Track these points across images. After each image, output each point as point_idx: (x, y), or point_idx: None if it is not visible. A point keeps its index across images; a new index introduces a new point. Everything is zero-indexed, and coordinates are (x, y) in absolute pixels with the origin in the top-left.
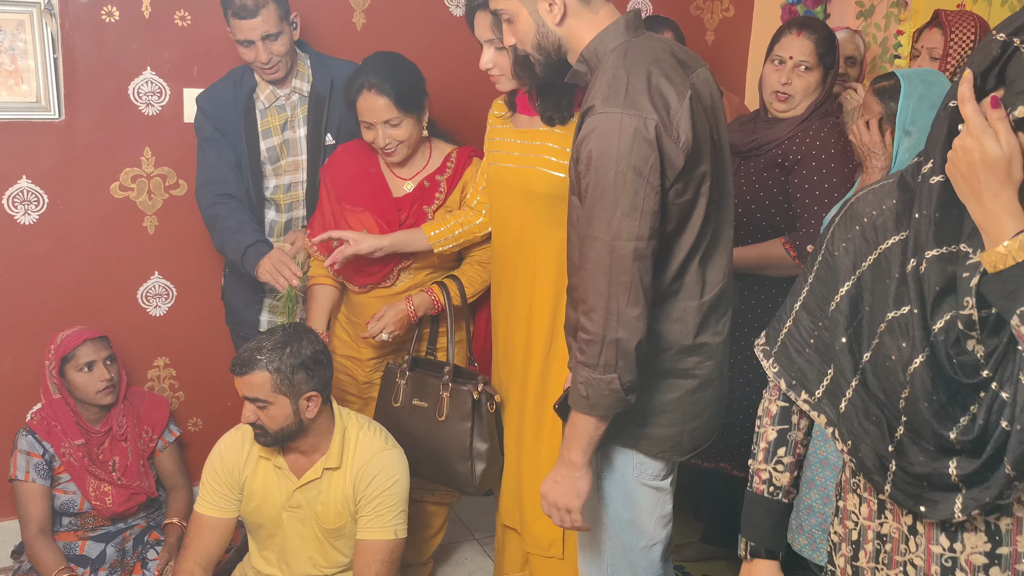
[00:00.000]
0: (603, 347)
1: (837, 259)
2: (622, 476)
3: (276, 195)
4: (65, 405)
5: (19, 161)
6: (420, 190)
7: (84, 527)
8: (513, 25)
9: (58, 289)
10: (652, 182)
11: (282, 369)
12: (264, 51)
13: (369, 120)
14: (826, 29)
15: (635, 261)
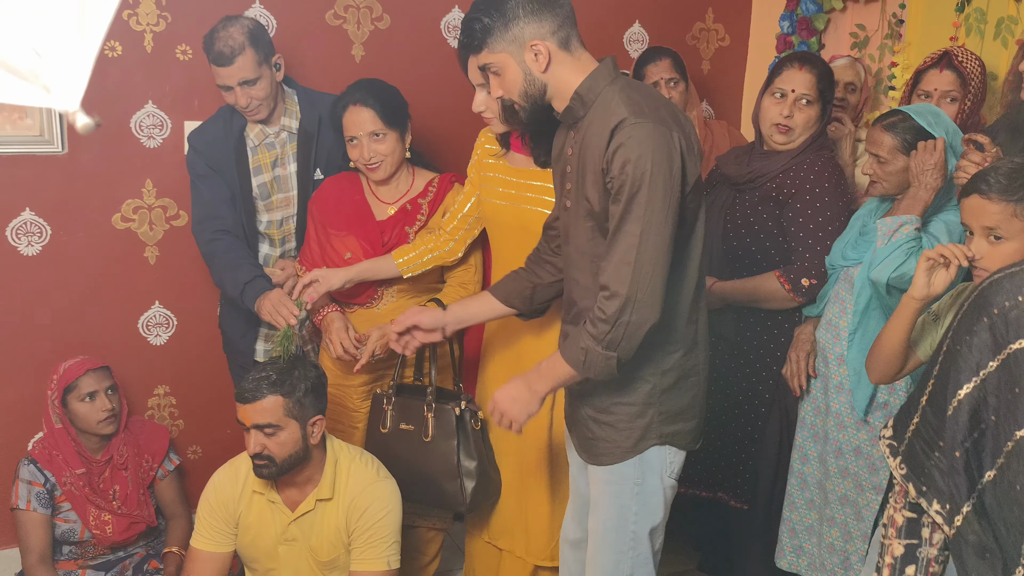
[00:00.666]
0: (613, 327)
1: (960, 353)
2: (658, 476)
3: (270, 230)
4: (67, 434)
5: (23, 193)
6: (402, 212)
7: (84, 556)
8: (501, 77)
9: (60, 319)
10: (676, 186)
11: (294, 392)
12: (243, 96)
13: (354, 133)
14: (825, 64)
15: (659, 254)
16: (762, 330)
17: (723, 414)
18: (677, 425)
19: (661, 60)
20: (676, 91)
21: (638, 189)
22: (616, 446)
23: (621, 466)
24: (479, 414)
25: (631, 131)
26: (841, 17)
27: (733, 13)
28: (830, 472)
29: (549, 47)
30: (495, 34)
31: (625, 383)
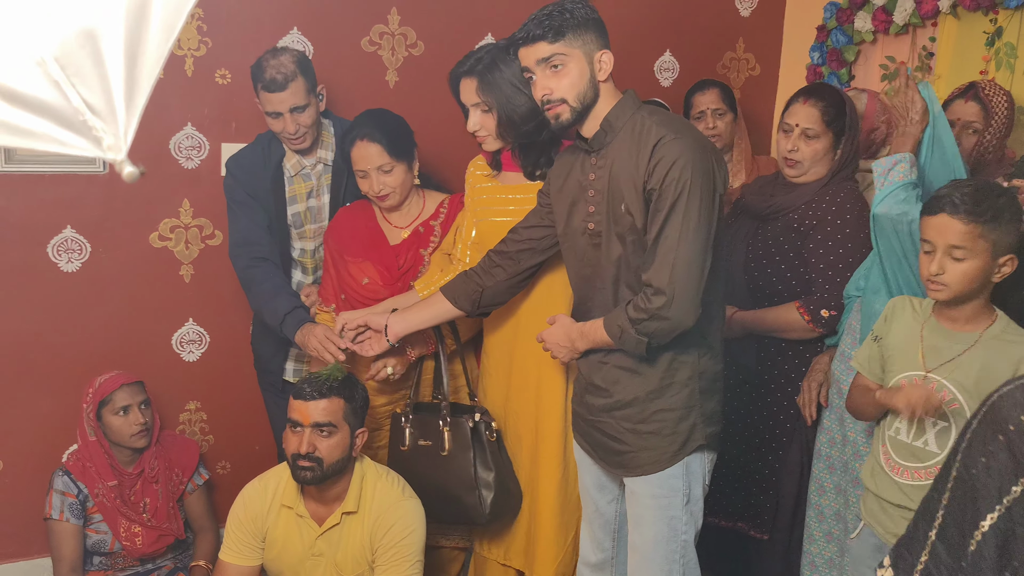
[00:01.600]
0: (651, 318)
1: (976, 478)
2: (700, 483)
3: (303, 258)
4: (100, 447)
5: (64, 211)
6: (415, 235)
7: (114, 567)
8: (563, 71)
9: (97, 334)
10: (713, 197)
11: (353, 399)
12: (292, 123)
13: (363, 167)
14: (836, 95)
15: (697, 258)
16: (783, 360)
17: (744, 443)
18: (714, 427)
19: (709, 90)
20: (722, 121)
21: (678, 198)
22: (662, 452)
23: (668, 478)
24: (493, 425)
25: (672, 146)
26: (871, 49)
27: (764, 43)
28: (850, 502)
29: (610, 65)
30: (576, 30)
31: (665, 390)
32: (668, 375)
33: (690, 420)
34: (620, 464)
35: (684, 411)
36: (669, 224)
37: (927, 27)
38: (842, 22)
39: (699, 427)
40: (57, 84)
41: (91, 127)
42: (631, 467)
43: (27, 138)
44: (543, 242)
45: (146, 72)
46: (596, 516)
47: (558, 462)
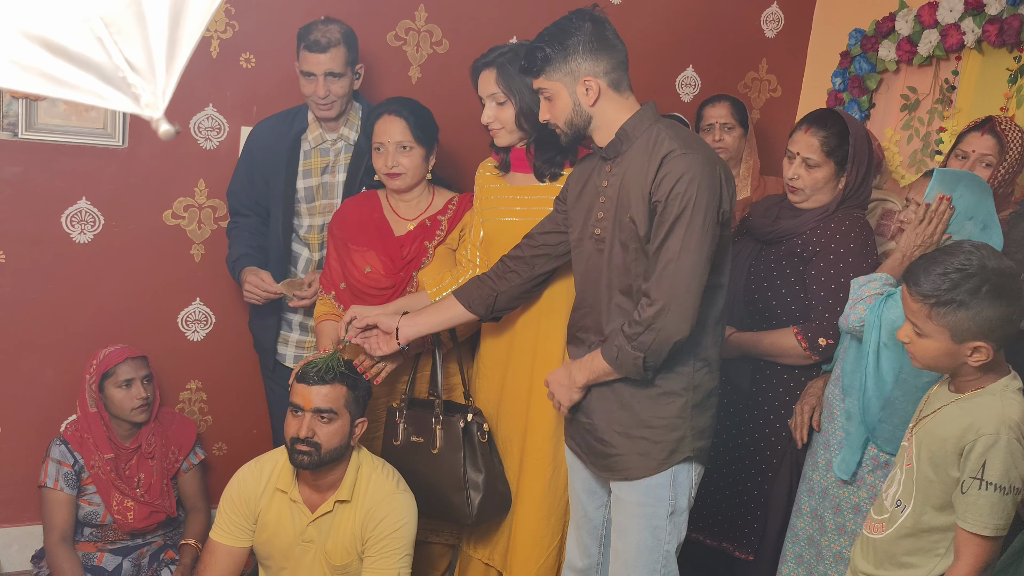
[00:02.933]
0: (646, 330)
1: None
2: (687, 495)
3: (310, 234)
4: (99, 419)
5: (81, 183)
6: (421, 228)
7: (104, 539)
8: (552, 103)
9: (104, 307)
10: (716, 214)
11: (356, 388)
12: (323, 86)
13: (382, 140)
14: (839, 124)
15: (696, 272)
16: (778, 383)
17: (735, 464)
18: (704, 441)
19: (720, 103)
20: (730, 135)
21: (682, 212)
22: (651, 459)
23: (655, 487)
24: (485, 427)
25: (681, 160)
26: (893, 78)
27: (787, 65)
28: (827, 528)
29: (600, 84)
30: (554, 64)
31: (659, 399)
32: (664, 384)
33: (681, 431)
34: (608, 467)
35: (676, 421)
36: (671, 237)
37: (950, 60)
38: (866, 49)
39: (689, 439)
40: (100, 41)
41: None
42: (618, 470)
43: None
44: (558, 248)
45: (187, 35)
46: (584, 521)
47: (544, 466)
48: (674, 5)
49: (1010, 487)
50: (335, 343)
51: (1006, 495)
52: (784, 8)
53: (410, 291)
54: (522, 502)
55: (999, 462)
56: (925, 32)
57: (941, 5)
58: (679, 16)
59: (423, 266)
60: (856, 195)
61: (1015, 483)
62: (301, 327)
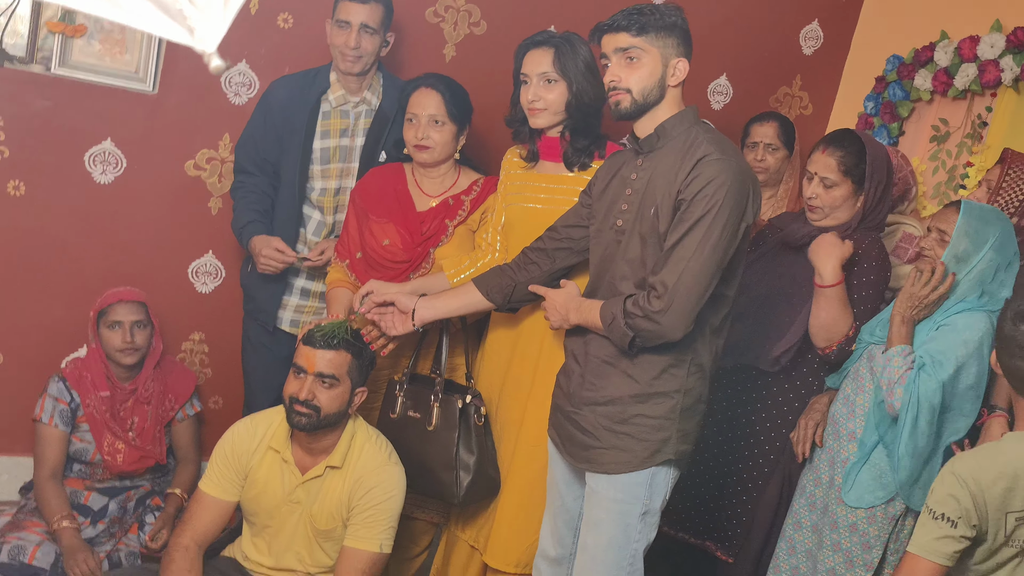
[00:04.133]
0: (644, 318)
1: None
2: (662, 497)
3: (323, 197)
4: (98, 356)
5: (107, 124)
6: (444, 206)
7: (92, 477)
8: (635, 64)
9: (117, 249)
10: (738, 224)
11: (361, 356)
12: (355, 37)
13: (416, 112)
14: (856, 144)
15: (703, 277)
16: (779, 391)
17: (727, 466)
18: (687, 446)
19: (768, 123)
20: (773, 157)
21: (704, 214)
22: (632, 455)
23: (632, 485)
24: (482, 410)
25: (714, 165)
26: (926, 108)
27: (821, 84)
28: (823, 543)
29: (686, 72)
30: (658, 30)
31: (650, 397)
32: (656, 383)
33: (666, 432)
34: (587, 459)
35: (663, 422)
36: (689, 236)
37: (985, 96)
38: (902, 76)
39: (673, 441)
40: None
41: (186, 16)
42: (597, 463)
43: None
44: (580, 243)
45: None
46: (561, 511)
47: (538, 456)
48: (713, 12)
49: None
50: (347, 312)
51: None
52: (824, 26)
53: (426, 267)
54: (510, 488)
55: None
56: (963, 65)
57: (983, 40)
58: (717, 23)
59: (441, 244)
60: (874, 214)
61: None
62: (302, 292)
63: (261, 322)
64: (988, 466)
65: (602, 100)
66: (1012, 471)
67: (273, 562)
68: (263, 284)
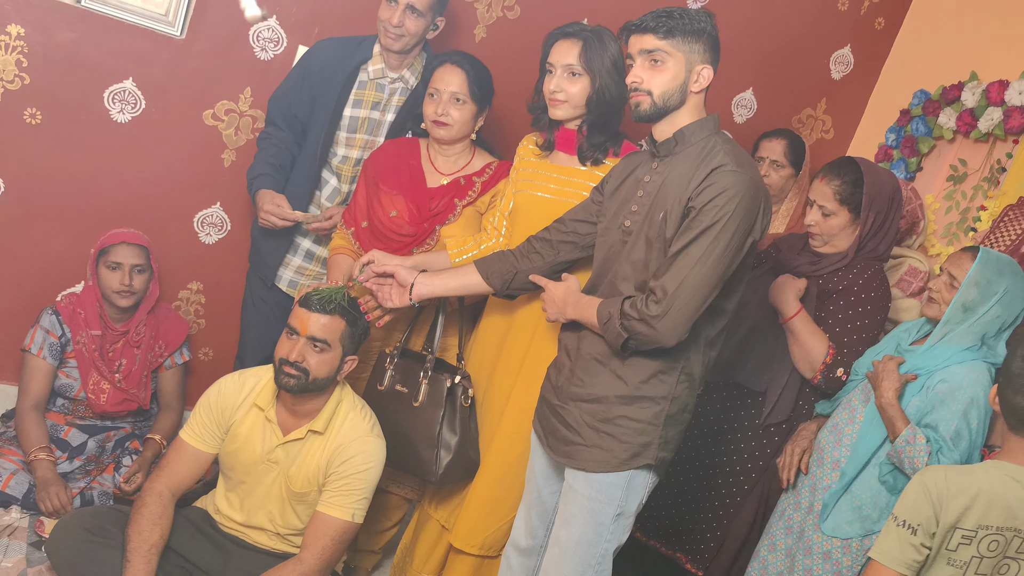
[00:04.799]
0: (641, 321)
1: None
2: (637, 501)
3: (344, 165)
4: (94, 294)
5: (130, 63)
6: (455, 184)
7: (74, 413)
8: (659, 67)
9: (126, 190)
10: (741, 239)
11: (355, 324)
12: (400, 16)
13: (438, 87)
14: (854, 173)
15: (704, 287)
16: (745, 413)
17: (707, 480)
18: (667, 453)
19: (776, 140)
20: (777, 174)
21: (712, 224)
22: (612, 456)
23: (609, 485)
24: (470, 392)
25: (728, 176)
26: (947, 147)
27: (845, 110)
28: (795, 568)
29: (710, 79)
30: (685, 35)
31: (636, 400)
32: (644, 387)
33: (649, 437)
34: (567, 455)
35: (646, 426)
36: (695, 244)
37: (1007, 142)
38: (927, 112)
39: (654, 447)
40: None
41: None
42: (577, 459)
43: None
44: (586, 238)
45: None
46: (537, 503)
47: (516, 443)
48: (747, 25)
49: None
50: (346, 278)
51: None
52: (856, 53)
53: (430, 243)
54: (485, 471)
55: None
56: (989, 108)
57: (1012, 86)
58: (749, 36)
59: (448, 222)
60: (873, 242)
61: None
62: (307, 254)
63: (261, 275)
64: (955, 481)
65: (624, 99)
66: (975, 491)
67: (244, 518)
68: (269, 238)
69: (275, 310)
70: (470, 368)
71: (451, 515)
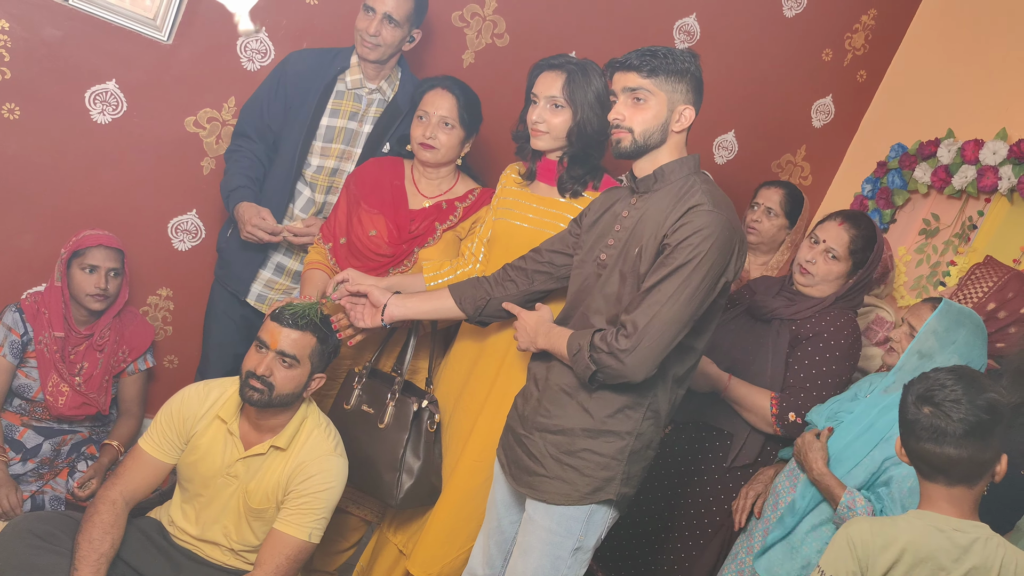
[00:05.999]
0: (609, 353)
1: None
2: (596, 536)
3: (319, 175)
4: (61, 295)
5: (115, 65)
6: (436, 208)
7: (31, 415)
8: (641, 106)
9: (101, 191)
10: (714, 278)
11: (326, 341)
12: (376, 26)
13: (428, 110)
14: (870, 230)
15: (674, 324)
16: (712, 455)
17: (671, 521)
18: (628, 489)
19: (775, 188)
20: (770, 222)
21: (686, 262)
22: (575, 489)
23: (569, 519)
24: (436, 417)
25: (704, 216)
26: (921, 200)
27: (824, 158)
28: None
29: (691, 120)
30: (668, 74)
31: (601, 434)
32: (610, 422)
33: (611, 472)
34: (529, 485)
35: (610, 461)
36: (667, 281)
37: (980, 200)
38: (903, 166)
39: (616, 482)
40: None
41: None
42: (539, 490)
43: None
44: (561, 270)
45: None
46: (496, 532)
47: (479, 471)
48: (731, 68)
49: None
50: (320, 295)
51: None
52: (838, 103)
53: (407, 265)
54: (446, 498)
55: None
56: (964, 166)
57: (987, 145)
58: (733, 80)
59: (427, 245)
60: (853, 295)
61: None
62: (277, 267)
63: (232, 290)
64: (880, 534)
65: (606, 133)
66: (901, 545)
67: (198, 532)
68: (242, 252)
69: (240, 323)
70: (438, 393)
71: (409, 540)
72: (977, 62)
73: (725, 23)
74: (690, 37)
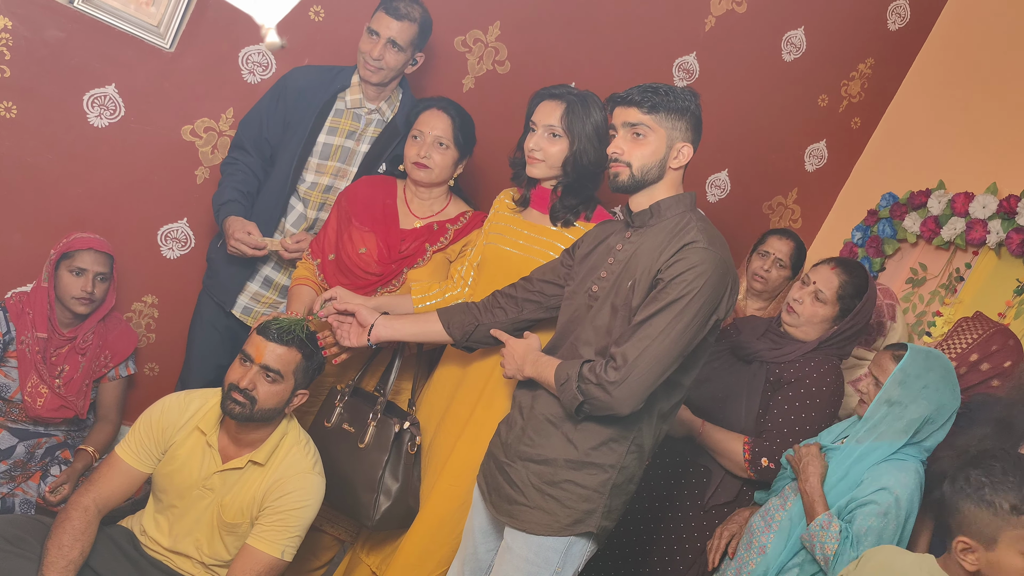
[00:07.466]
0: (598, 386)
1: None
2: (573, 569)
3: (313, 191)
4: (47, 296)
5: (115, 69)
6: (427, 229)
7: (8, 415)
8: (640, 141)
9: (93, 194)
10: (705, 315)
11: (311, 358)
12: (379, 50)
13: (423, 130)
14: (862, 279)
15: (664, 360)
16: (715, 497)
17: (646, 556)
18: (609, 523)
19: (787, 240)
20: (777, 272)
21: (679, 299)
22: (554, 519)
23: (547, 549)
24: (417, 440)
25: (699, 253)
26: (910, 250)
27: (815, 203)
28: None
29: (689, 158)
30: (669, 112)
31: (584, 466)
32: (593, 454)
33: (593, 504)
34: (509, 513)
35: (592, 493)
36: (659, 316)
37: (967, 252)
38: (894, 215)
39: (598, 515)
40: None
41: None
42: (518, 519)
43: None
44: (551, 300)
45: None
46: (472, 559)
47: (456, 495)
48: (728, 109)
49: None
50: (307, 311)
51: None
52: (831, 148)
53: (396, 284)
54: (421, 521)
55: None
56: (953, 218)
57: (976, 199)
58: (729, 120)
59: (416, 266)
60: (839, 343)
61: None
62: (264, 280)
63: (219, 300)
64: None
65: (602, 166)
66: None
67: (170, 543)
68: (230, 263)
69: (224, 334)
70: (420, 415)
71: (383, 562)
72: (971, 115)
73: (724, 63)
74: (689, 75)
